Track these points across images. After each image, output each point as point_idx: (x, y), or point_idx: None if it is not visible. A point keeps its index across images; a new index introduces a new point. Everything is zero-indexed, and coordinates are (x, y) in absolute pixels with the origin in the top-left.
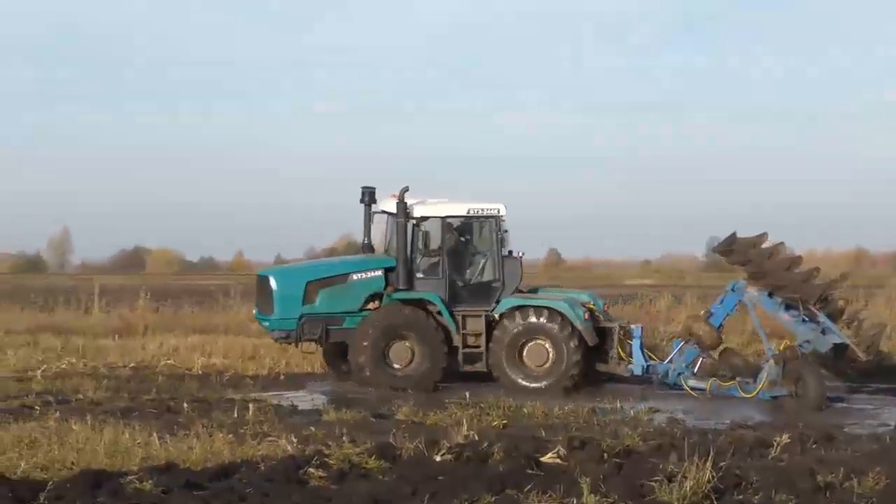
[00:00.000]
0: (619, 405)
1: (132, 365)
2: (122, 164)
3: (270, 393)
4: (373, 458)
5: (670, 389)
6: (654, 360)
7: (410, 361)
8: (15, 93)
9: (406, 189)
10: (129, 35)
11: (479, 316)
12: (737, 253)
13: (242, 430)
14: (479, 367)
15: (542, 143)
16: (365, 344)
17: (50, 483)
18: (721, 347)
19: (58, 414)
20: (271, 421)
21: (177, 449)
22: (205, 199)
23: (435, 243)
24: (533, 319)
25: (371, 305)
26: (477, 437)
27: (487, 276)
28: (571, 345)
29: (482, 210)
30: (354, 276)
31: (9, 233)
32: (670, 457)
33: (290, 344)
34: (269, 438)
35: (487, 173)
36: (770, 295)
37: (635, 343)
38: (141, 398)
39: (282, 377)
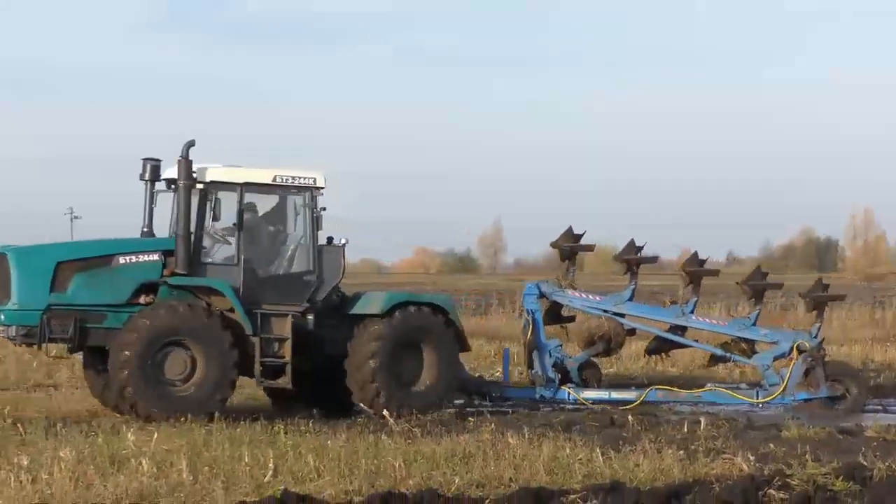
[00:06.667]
0: None
1: None
2: None
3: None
4: (840, 479)
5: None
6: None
7: (190, 375)
8: None
9: (192, 143)
10: None
11: (285, 316)
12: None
13: (694, 447)
14: (283, 382)
15: None
16: (128, 353)
17: (487, 501)
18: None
19: (493, 426)
20: (725, 436)
21: (622, 466)
22: None
23: (230, 219)
24: (422, 320)
25: (143, 299)
26: None
27: (298, 267)
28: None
29: (293, 179)
30: (121, 260)
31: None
32: None
33: (31, 346)
34: (724, 456)
35: None
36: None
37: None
38: (581, 410)
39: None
